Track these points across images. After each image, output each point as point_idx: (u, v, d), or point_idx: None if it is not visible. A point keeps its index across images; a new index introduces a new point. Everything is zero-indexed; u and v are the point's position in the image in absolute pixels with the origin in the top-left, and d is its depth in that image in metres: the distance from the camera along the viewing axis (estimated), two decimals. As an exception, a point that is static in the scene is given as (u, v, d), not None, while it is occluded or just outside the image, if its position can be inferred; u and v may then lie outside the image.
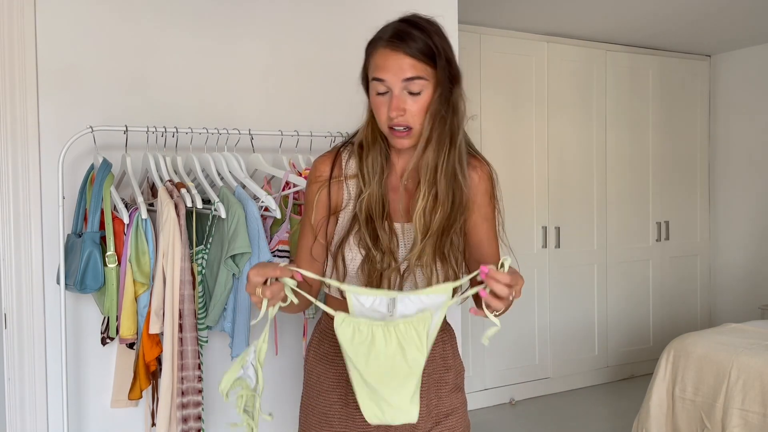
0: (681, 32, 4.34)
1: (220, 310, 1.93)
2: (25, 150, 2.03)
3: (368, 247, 1.30)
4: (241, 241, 1.85)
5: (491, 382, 4.17)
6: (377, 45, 1.27)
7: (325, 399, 1.40)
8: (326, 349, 1.42)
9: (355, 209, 1.33)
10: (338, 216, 1.36)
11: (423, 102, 1.25)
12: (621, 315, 4.68)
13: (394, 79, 1.23)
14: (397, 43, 1.24)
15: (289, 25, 2.43)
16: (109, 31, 2.16)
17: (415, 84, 1.23)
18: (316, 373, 1.43)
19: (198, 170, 2.02)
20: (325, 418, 1.39)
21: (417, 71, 1.23)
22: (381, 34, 1.28)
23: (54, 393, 2.07)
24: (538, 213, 4.30)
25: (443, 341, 1.42)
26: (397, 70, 1.23)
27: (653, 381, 3.08)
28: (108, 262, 1.85)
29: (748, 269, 4.83)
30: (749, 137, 4.81)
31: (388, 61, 1.23)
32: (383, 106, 1.25)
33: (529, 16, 3.88)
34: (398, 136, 1.27)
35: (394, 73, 1.23)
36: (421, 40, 1.24)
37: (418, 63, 1.23)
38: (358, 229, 1.31)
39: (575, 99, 4.45)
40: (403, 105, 1.24)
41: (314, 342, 1.47)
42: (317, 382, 1.42)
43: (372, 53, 1.28)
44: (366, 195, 1.31)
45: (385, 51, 1.24)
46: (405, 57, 1.23)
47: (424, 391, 1.35)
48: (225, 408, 2.32)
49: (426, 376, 1.37)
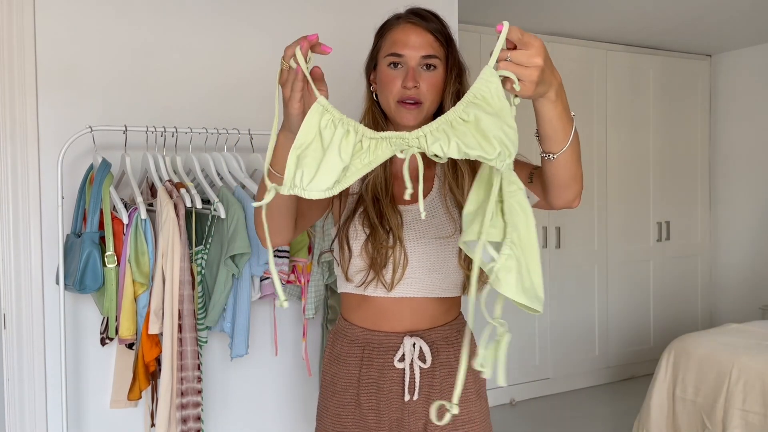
0: (681, 32, 4.34)
1: (219, 310, 1.92)
2: (25, 150, 2.03)
3: (373, 226, 1.31)
4: (240, 241, 1.85)
5: (491, 382, 4.16)
6: (395, 23, 1.32)
7: (339, 400, 1.40)
8: (339, 349, 1.42)
9: (361, 191, 1.35)
10: (342, 202, 1.38)
11: (436, 80, 1.28)
12: (621, 315, 4.67)
13: (412, 53, 1.26)
14: (418, 20, 1.29)
15: (290, 25, 2.42)
16: (108, 31, 2.15)
17: (432, 60, 1.28)
18: (331, 373, 1.43)
19: (197, 170, 2.02)
20: (339, 419, 1.39)
21: (434, 50, 1.28)
22: (397, 15, 1.33)
23: (53, 393, 2.07)
24: (539, 213, 4.26)
25: (458, 342, 1.41)
26: (417, 45, 1.27)
27: (654, 381, 3.08)
28: (107, 262, 1.85)
29: (748, 269, 4.83)
30: (750, 137, 4.80)
31: (410, 36, 1.28)
32: (396, 79, 1.27)
33: (530, 16, 3.88)
34: (408, 109, 1.27)
35: (413, 48, 1.27)
36: (439, 23, 1.31)
37: (435, 42, 1.29)
38: (363, 209, 1.33)
39: (575, 99, 4.44)
40: (419, 77, 1.26)
41: (329, 343, 1.48)
42: (331, 383, 1.42)
43: (388, 31, 1.32)
44: (371, 177, 1.33)
45: (406, 26, 1.29)
46: (426, 33, 1.28)
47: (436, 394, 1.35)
48: (224, 408, 2.32)
49: (439, 381, 1.37)
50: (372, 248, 1.31)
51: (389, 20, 1.34)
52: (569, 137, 1.04)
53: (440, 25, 1.31)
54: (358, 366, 1.37)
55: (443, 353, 1.38)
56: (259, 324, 2.32)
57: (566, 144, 1.04)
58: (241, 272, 1.90)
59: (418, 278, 1.34)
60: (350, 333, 1.40)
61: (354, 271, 1.35)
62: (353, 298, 1.40)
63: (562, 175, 1.11)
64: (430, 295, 1.36)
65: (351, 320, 1.41)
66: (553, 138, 1.04)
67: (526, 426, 3.83)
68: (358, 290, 1.36)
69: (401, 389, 1.35)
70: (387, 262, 1.31)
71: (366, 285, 1.34)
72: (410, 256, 1.33)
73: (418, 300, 1.35)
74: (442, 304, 1.39)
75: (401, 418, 1.37)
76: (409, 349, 1.34)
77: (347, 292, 1.40)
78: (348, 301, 1.42)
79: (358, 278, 1.35)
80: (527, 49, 0.90)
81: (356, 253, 1.33)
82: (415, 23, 1.29)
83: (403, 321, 1.36)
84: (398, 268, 1.31)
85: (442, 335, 1.39)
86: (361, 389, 1.37)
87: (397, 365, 1.35)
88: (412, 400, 1.35)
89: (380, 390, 1.36)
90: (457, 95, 1.30)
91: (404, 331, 1.36)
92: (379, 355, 1.36)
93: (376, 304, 1.36)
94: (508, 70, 0.89)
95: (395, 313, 1.36)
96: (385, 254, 1.30)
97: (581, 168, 1.14)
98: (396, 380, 1.36)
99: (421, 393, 1.36)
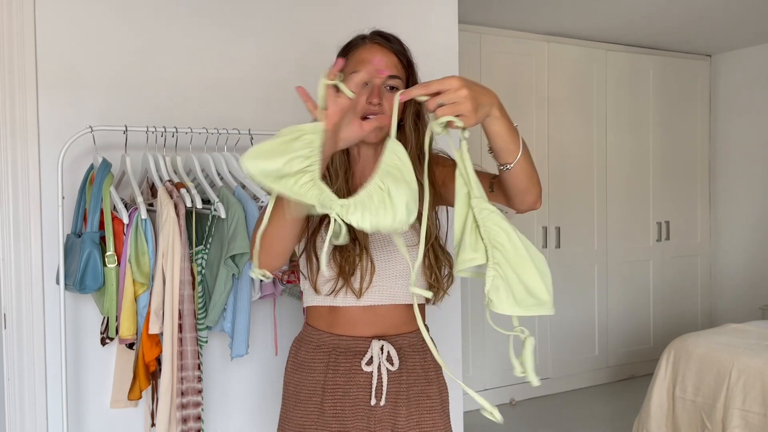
0: (681, 32, 4.34)
1: (219, 310, 1.92)
2: (25, 150, 2.03)
3: None
4: (240, 241, 1.85)
5: (491, 382, 4.17)
6: (361, 43, 1.37)
7: (302, 409, 1.39)
8: (304, 356, 1.42)
9: None
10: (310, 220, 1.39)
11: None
12: (621, 315, 4.68)
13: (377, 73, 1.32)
14: (383, 41, 1.36)
15: (290, 25, 2.42)
16: (108, 31, 2.15)
17: (394, 81, 1.34)
18: (294, 383, 1.43)
19: (198, 170, 2.02)
20: (302, 429, 1.38)
21: (398, 71, 1.35)
22: (362, 36, 1.39)
23: (53, 393, 2.07)
24: (539, 213, 4.29)
25: (423, 351, 1.42)
26: (383, 66, 1.32)
27: (653, 381, 3.08)
28: (107, 262, 1.85)
29: (748, 269, 4.83)
30: (749, 137, 4.81)
31: (376, 56, 1.33)
32: (361, 96, 1.30)
33: (530, 16, 3.88)
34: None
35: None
36: (401, 46, 1.39)
37: (399, 64, 1.36)
38: (328, 221, 1.33)
39: (575, 99, 4.45)
40: (382, 96, 1.31)
41: (292, 352, 1.48)
42: (294, 393, 1.42)
43: (353, 50, 1.37)
44: (335, 189, 1.34)
45: (373, 47, 1.36)
46: (391, 54, 1.35)
47: (403, 401, 1.36)
48: (225, 408, 2.32)
49: (406, 387, 1.38)
50: (340, 257, 1.33)
51: (354, 40, 1.39)
52: (520, 145, 1.13)
53: (402, 48, 1.38)
54: (324, 372, 1.37)
55: (410, 360, 1.39)
56: (259, 324, 2.32)
57: (519, 152, 1.12)
58: (242, 272, 1.91)
59: (385, 285, 1.36)
60: (316, 339, 1.40)
61: (322, 282, 1.36)
62: (322, 310, 1.41)
63: (522, 180, 1.18)
64: (397, 302, 1.38)
65: (318, 327, 1.41)
66: (506, 149, 1.12)
67: (526, 426, 3.83)
68: (327, 301, 1.38)
69: (368, 394, 1.35)
70: (355, 270, 1.33)
71: (335, 293, 1.35)
72: (376, 264, 1.35)
73: (385, 307, 1.37)
74: (408, 311, 1.40)
75: (367, 426, 1.36)
76: (377, 352, 1.35)
77: (315, 305, 1.41)
78: (316, 312, 1.42)
79: (327, 288, 1.36)
80: (448, 88, 0.99)
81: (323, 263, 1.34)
82: (381, 44, 1.36)
83: (372, 327, 1.37)
84: (366, 275, 1.34)
85: (409, 342, 1.40)
86: (325, 397, 1.36)
87: (364, 368, 1.35)
88: (379, 405, 1.35)
89: (346, 395, 1.36)
90: (416, 115, 1.37)
91: (372, 335, 1.37)
92: (347, 360, 1.36)
93: (345, 313, 1.37)
94: (445, 114, 0.99)
95: (364, 320, 1.37)
96: (353, 262, 1.33)
97: (536, 171, 1.21)
98: (363, 385, 1.36)
99: (387, 398, 1.36)
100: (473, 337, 4.07)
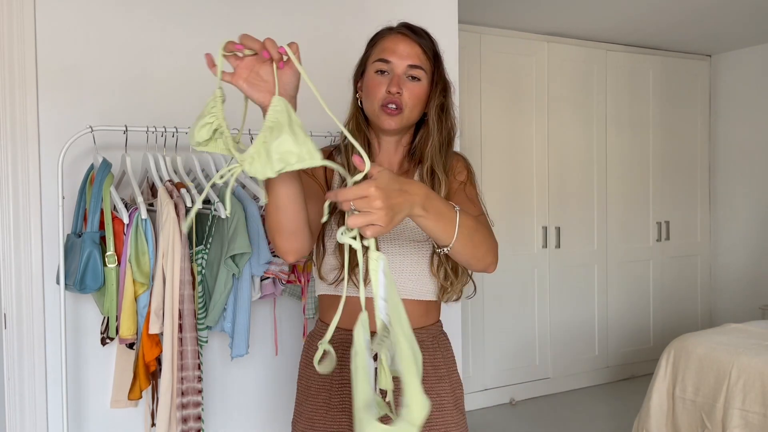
0: (681, 32, 4.34)
1: (219, 310, 1.92)
2: (25, 150, 2.03)
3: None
4: (240, 241, 1.85)
5: (491, 382, 4.17)
6: (387, 33, 1.38)
7: (312, 403, 1.40)
8: (314, 351, 1.42)
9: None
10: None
11: (418, 91, 1.34)
12: (621, 315, 4.68)
13: (399, 62, 1.32)
14: (409, 32, 1.36)
15: (289, 25, 2.42)
16: (108, 31, 2.15)
17: (417, 71, 1.33)
18: (306, 376, 1.44)
19: (198, 170, 2.02)
20: (311, 423, 1.39)
21: (421, 61, 1.34)
22: (389, 27, 1.39)
23: (53, 393, 2.07)
24: (539, 213, 4.29)
25: (433, 348, 1.41)
26: (404, 55, 1.33)
27: (653, 381, 3.08)
28: (108, 262, 1.85)
29: (748, 269, 4.83)
30: (749, 137, 4.81)
31: (399, 45, 1.34)
32: (382, 85, 1.33)
33: (530, 16, 3.88)
34: (390, 114, 1.32)
35: (400, 56, 1.32)
36: (428, 39, 1.38)
37: (423, 55, 1.35)
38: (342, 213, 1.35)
39: (575, 99, 4.45)
40: (403, 85, 1.32)
41: (306, 346, 1.49)
42: (306, 387, 1.43)
43: (379, 40, 1.38)
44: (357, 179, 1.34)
45: (397, 37, 1.35)
46: (415, 45, 1.34)
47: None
48: (225, 408, 2.32)
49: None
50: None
51: (381, 31, 1.40)
52: (455, 229, 1.10)
53: (430, 42, 1.37)
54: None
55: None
56: (259, 324, 2.32)
57: (454, 236, 1.10)
58: (242, 272, 1.91)
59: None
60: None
61: (327, 269, 1.37)
62: (329, 299, 1.41)
63: (465, 256, 1.17)
64: (405, 297, 1.37)
65: (328, 322, 1.42)
66: (440, 237, 1.10)
67: (526, 426, 3.83)
68: (332, 289, 1.38)
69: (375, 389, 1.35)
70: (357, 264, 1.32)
71: (338, 284, 1.36)
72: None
73: None
74: (418, 306, 1.40)
75: None
76: None
77: (323, 294, 1.42)
78: (325, 303, 1.44)
79: (331, 276, 1.37)
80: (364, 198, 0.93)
81: (330, 251, 1.36)
82: (405, 34, 1.35)
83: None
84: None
85: (418, 338, 1.38)
86: (333, 392, 1.37)
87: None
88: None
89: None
90: (441, 108, 1.37)
91: None
92: None
93: (350, 303, 1.36)
94: (356, 224, 0.94)
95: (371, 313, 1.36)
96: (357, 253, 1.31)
97: (486, 239, 1.19)
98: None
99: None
100: (473, 337, 4.07)
